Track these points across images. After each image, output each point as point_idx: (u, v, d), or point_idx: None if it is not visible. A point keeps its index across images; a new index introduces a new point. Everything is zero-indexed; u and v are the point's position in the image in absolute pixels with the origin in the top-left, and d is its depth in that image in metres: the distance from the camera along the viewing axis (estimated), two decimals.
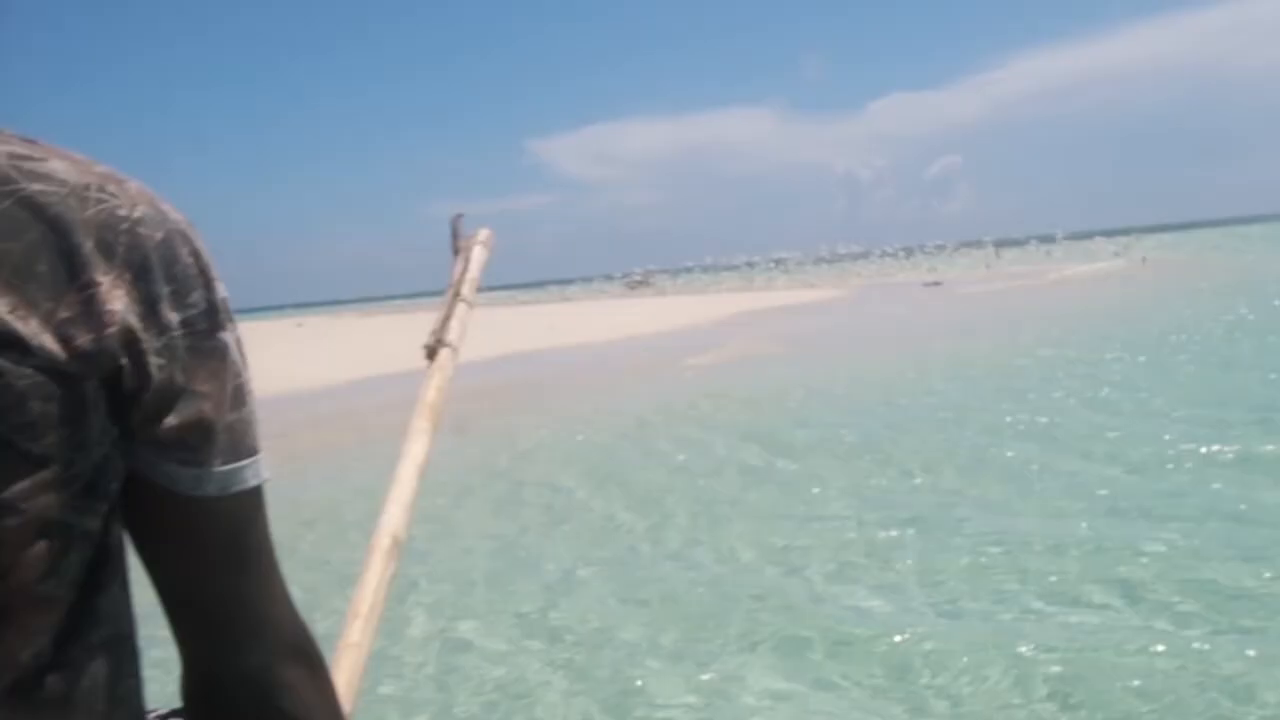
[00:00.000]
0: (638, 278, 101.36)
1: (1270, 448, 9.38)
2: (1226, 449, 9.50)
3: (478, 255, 1.79)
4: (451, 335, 1.69)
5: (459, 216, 1.81)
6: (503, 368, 23.19)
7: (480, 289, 1.77)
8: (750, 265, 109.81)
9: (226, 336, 0.78)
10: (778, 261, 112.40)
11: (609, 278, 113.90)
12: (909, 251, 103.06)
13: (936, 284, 50.81)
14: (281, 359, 27.53)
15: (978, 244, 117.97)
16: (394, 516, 1.45)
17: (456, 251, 1.80)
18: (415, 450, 1.56)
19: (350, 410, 18.17)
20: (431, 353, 1.68)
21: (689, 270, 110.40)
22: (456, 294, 1.74)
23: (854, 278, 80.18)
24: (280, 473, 0.91)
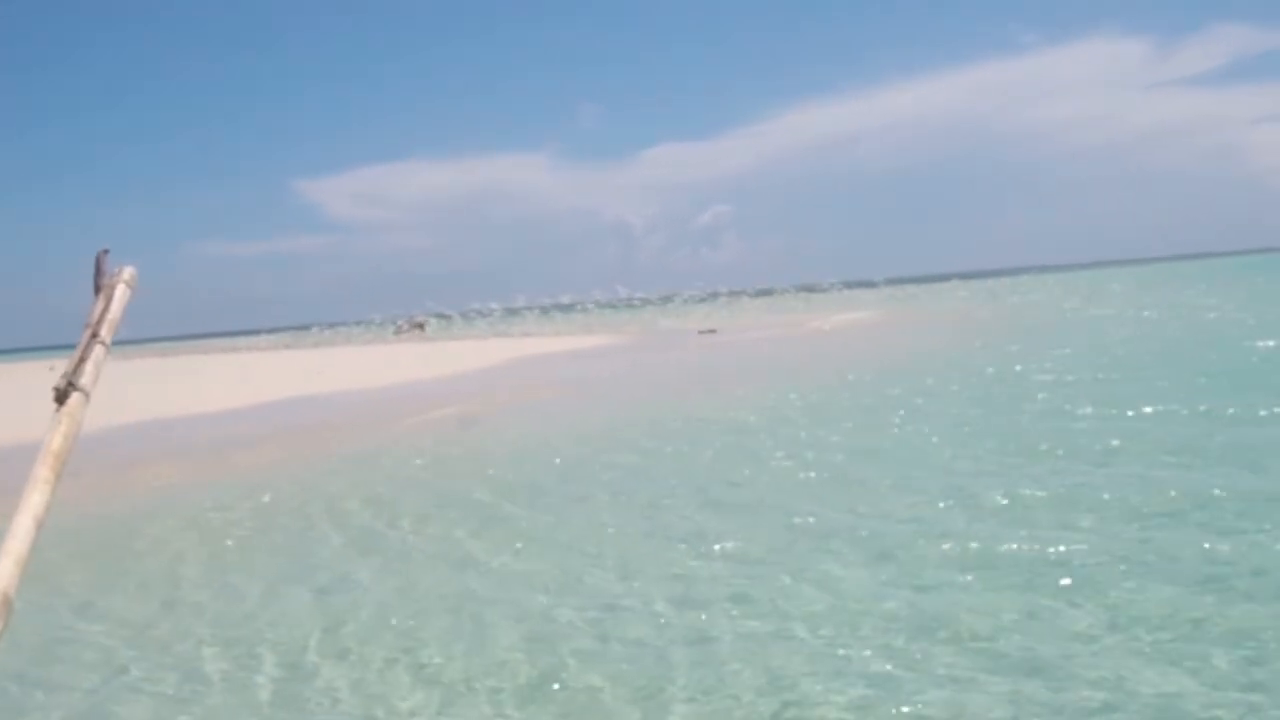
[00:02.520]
0: (418, 321, 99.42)
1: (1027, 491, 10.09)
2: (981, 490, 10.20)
3: (120, 295, 1.67)
4: (85, 379, 1.56)
5: (104, 252, 1.69)
6: (221, 422, 22.21)
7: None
8: (527, 310, 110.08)
9: None
10: (555, 307, 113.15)
11: (383, 321, 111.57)
12: (685, 299, 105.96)
13: (712, 332, 52.41)
14: (24, 402, 25.33)
15: (746, 293, 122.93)
16: (5, 571, 1.33)
17: (99, 290, 1.67)
18: (35, 501, 1.43)
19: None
20: (62, 396, 1.54)
21: (466, 315, 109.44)
22: (94, 335, 1.61)
23: (630, 324, 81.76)
24: None
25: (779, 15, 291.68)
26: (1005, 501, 9.61)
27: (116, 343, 1.64)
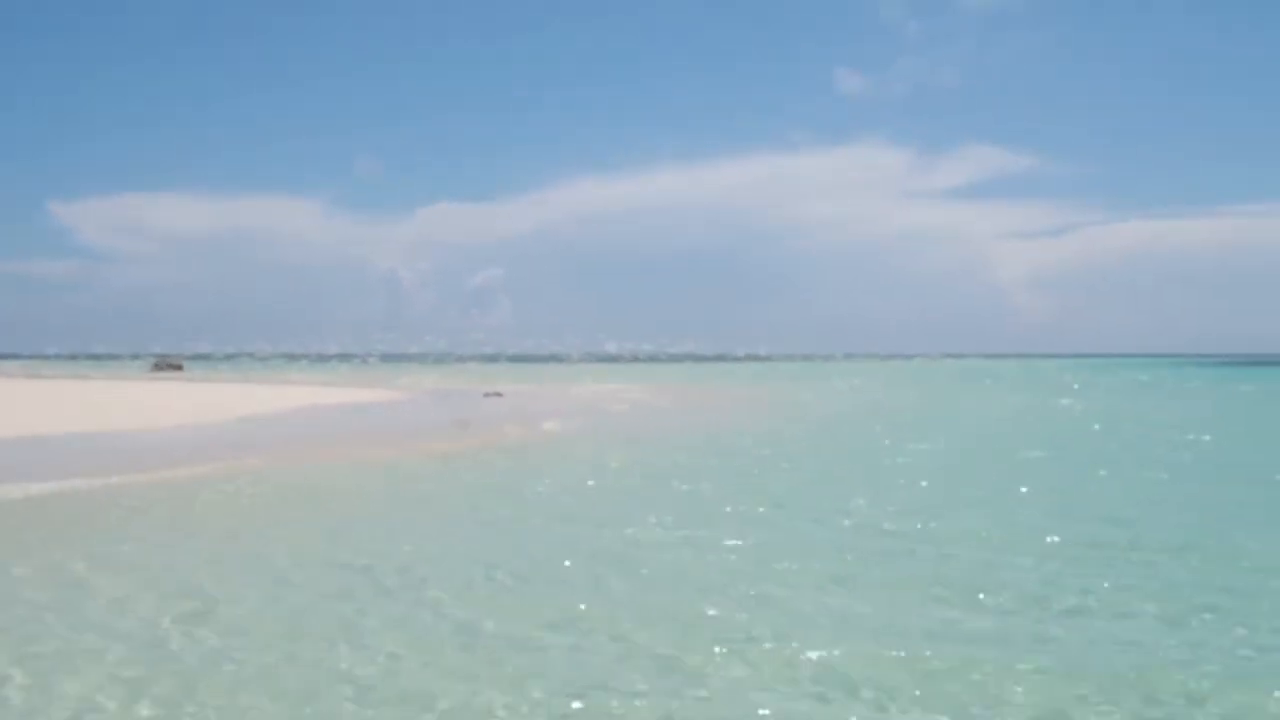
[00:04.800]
0: (174, 361, 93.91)
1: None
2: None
3: None
4: None
5: None
6: None
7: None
8: (291, 356, 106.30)
9: None
10: (320, 355, 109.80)
11: (134, 356, 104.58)
12: (460, 358, 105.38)
13: (498, 395, 52.50)
14: None
15: (524, 357, 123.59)
16: None
17: None
18: None
19: None
20: None
21: (227, 357, 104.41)
22: None
23: (407, 380, 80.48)
24: None
25: (561, 90, 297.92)
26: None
27: None
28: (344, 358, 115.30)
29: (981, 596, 10.05)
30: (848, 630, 8.90)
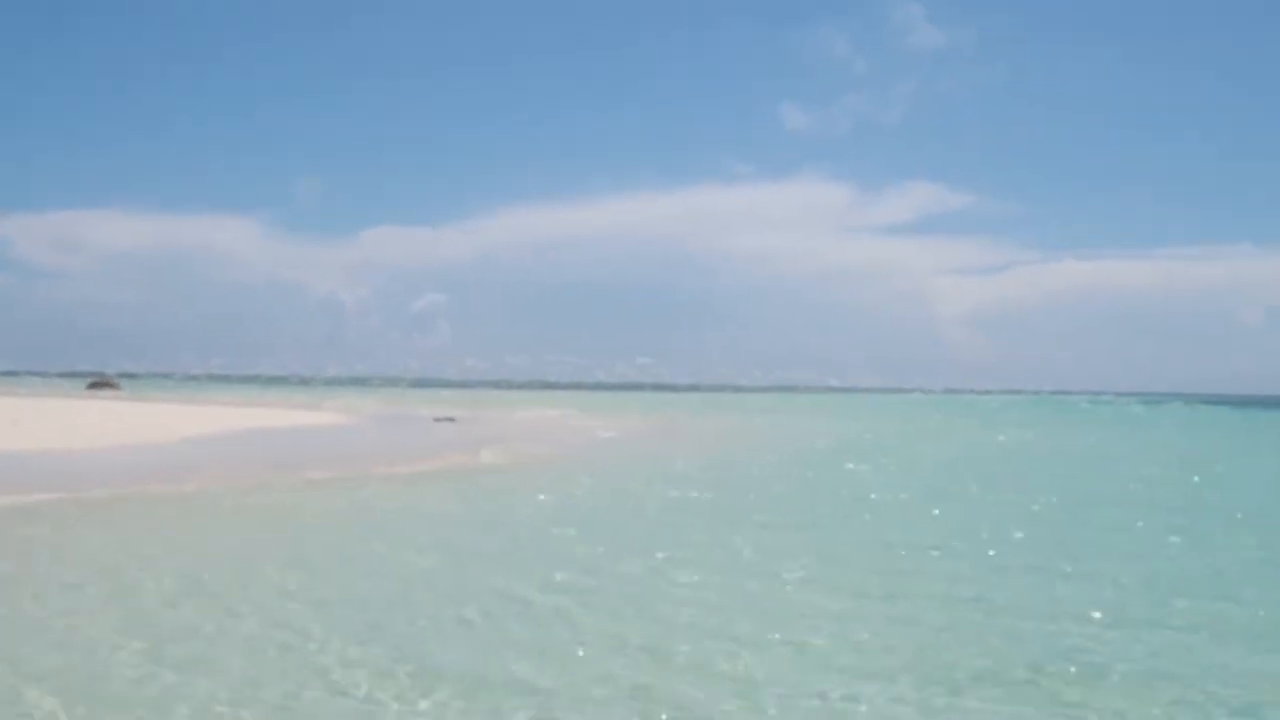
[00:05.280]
0: (109, 379, 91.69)
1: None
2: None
3: None
4: None
5: None
6: None
7: None
8: (230, 378, 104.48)
9: None
10: (260, 377, 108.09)
11: (66, 374, 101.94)
12: (400, 383, 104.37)
13: (450, 420, 51.98)
14: None
15: (465, 383, 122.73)
16: None
17: None
18: None
19: None
20: None
21: (165, 376, 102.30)
22: None
23: (353, 404, 79.34)
24: None
25: (506, 117, 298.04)
26: None
27: None
28: (281, 380, 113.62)
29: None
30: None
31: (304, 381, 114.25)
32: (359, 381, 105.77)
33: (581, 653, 8.90)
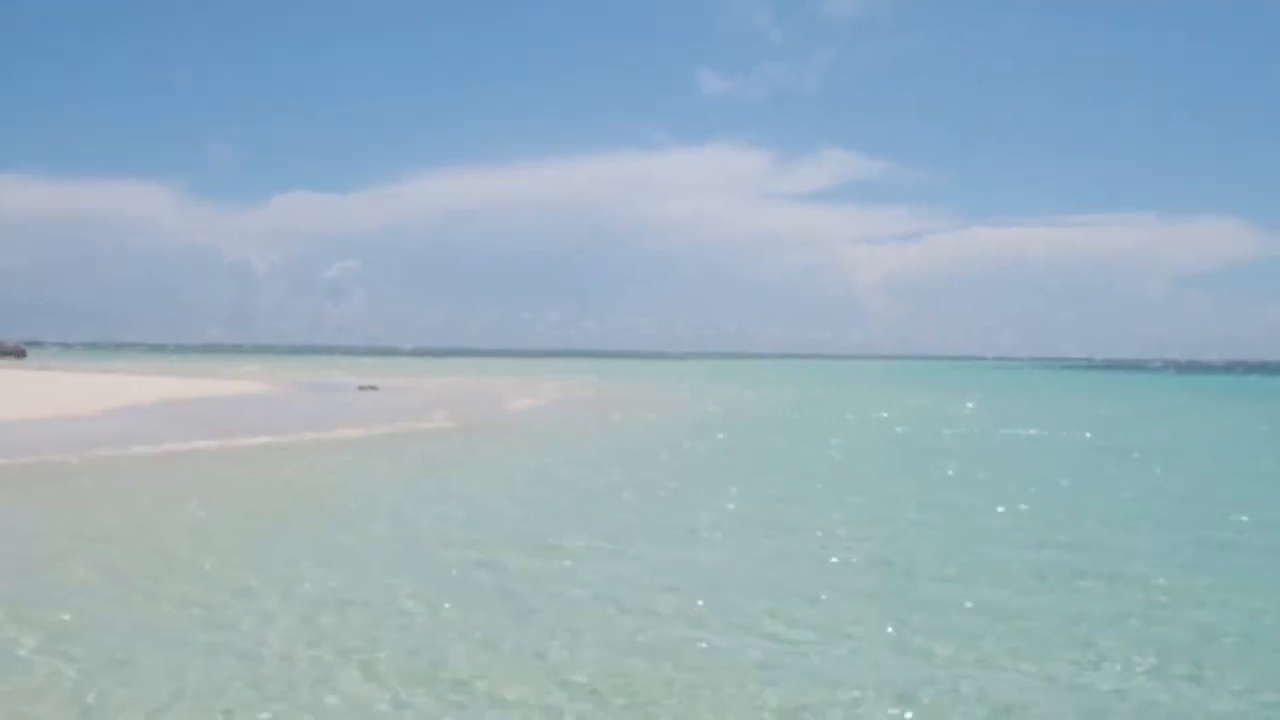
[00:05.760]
0: (13, 347, 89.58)
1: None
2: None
3: None
4: None
5: None
6: None
7: None
8: (139, 346, 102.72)
9: None
10: (170, 345, 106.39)
11: None
12: (312, 350, 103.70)
13: (373, 388, 52.71)
14: None
15: (378, 350, 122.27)
16: None
17: None
18: None
19: None
20: None
21: (68, 345, 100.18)
22: None
23: (269, 372, 79.10)
24: None
25: (419, 83, 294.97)
26: None
27: None
28: (192, 348, 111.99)
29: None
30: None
31: (216, 348, 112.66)
32: (269, 349, 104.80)
33: (448, 605, 10.39)
